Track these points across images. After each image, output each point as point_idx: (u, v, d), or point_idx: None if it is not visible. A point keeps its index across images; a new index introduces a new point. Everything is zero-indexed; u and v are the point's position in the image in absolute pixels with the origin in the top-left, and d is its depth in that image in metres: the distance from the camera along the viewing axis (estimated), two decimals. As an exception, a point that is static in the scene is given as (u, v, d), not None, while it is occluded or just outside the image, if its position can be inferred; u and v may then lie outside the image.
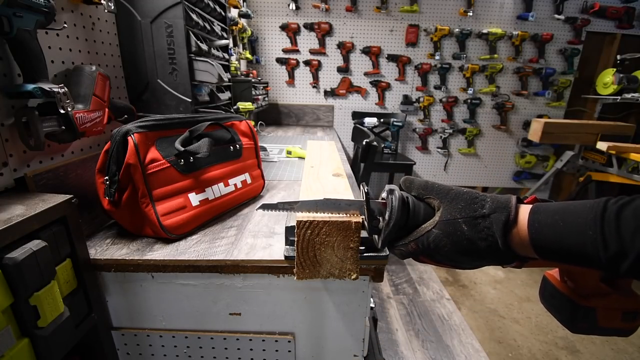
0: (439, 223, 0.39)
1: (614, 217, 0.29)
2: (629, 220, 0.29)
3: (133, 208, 0.62)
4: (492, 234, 0.36)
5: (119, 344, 0.65)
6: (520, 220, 0.35)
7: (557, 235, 0.32)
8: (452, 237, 0.37)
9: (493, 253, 0.36)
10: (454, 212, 0.38)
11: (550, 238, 0.33)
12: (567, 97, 2.83)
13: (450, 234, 0.37)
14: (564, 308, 0.45)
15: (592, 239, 0.30)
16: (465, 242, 0.37)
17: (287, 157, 1.41)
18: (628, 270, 0.29)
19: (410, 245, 0.41)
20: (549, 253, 0.34)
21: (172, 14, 0.88)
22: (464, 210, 0.38)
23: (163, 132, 0.65)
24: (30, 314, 0.43)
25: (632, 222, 0.28)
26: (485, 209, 0.37)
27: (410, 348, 1.58)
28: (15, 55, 0.52)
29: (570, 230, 0.31)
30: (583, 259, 0.31)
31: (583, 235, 0.31)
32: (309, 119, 2.85)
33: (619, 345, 1.67)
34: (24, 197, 0.50)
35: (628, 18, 2.59)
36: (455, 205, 0.38)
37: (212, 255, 0.58)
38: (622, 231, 0.29)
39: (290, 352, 0.65)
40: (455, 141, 2.95)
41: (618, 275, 0.31)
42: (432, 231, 0.39)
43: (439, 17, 2.61)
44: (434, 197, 0.41)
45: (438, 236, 0.38)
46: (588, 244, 0.30)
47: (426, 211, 0.42)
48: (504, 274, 2.28)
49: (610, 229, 0.29)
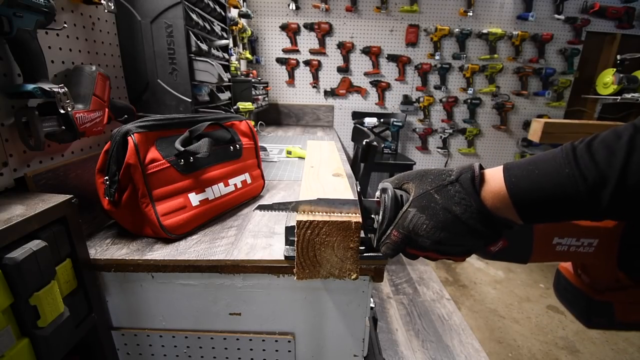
0: (413, 200, 0.38)
1: (586, 150, 0.30)
2: (599, 148, 0.30)
3: (133, 208, 0.62)
4: (464, 197, 0.35)
5: (119, 344, 0.65)
6: (495, 179, 0.35)
7: (534, 184, 0.32)
8: (427, 210, 0.37)
9: (472, 220, 0.35)
10: (425, 185, 0.38)
11: (528, 187, 0.33)
12: (567, 97, 2.83)
13: (425, 207, 0.37)
14: (578, 302, 0.44)
15: (569, 175, 0.30)
16: (441, 212, 0.36)
17: (287, 157, 1.41)
18: (610, 201, 0.29)
19: (393, 235, 0.39)
20: (529, 206, 0.33)
21: (172, 14, 0.88)
22: (433, 182, 0.38)
23: (163, 132, 0.65)
24: (30, 314, 0.42)
25: (604, 149, 0.29)
26: (453, 175, 0.37)
27: (410, 348, 1.58)
28: (15, 55, 0.52)
29: (547, 174, 0.32)
30: (565, 201, 0.31)
31: (559, 175, 0.31)
32: (309, 119, 2.85)
33: (619, 345, 1.67)
34: (24, 197, 0.50)
35: (628, 18, 2.59)
36: (425, 180, 0.39)
37: (212, 255, 0.58)
38: (597, 157, 0.30)
39: (290, 352, 0.65)
40: (455, 141, 2.95)
41: (601, 213, 0.30)
42: (408, 211, 0.38)
43: (439, 17, 2.61)
44: (407, 181, 0.42)
45: (415, 215, 0.37)
46: (566, 182, 0.30)
47: (406, 198, 0.42)
48: (504, 274, 2.28)
49: (585, 160, 0.30)
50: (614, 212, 0.30)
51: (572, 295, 0.45)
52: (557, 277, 0.48)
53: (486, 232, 0.36)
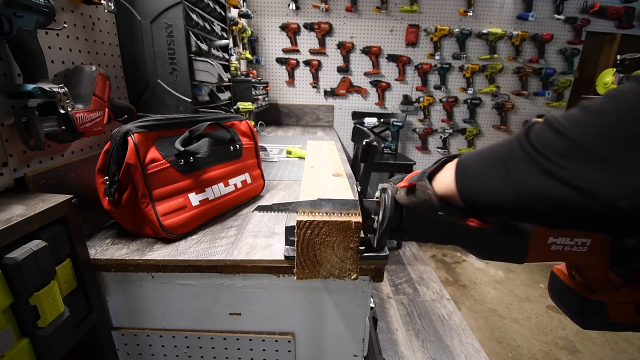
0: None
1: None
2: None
3: (133, 208, 0.62)
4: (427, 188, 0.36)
5: (119, 344, 0.65)
6: (448, 177, 0.34)
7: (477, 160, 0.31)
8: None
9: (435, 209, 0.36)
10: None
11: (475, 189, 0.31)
12: (567, 97, 2.83)
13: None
14: (573, 303, 0.44)
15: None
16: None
17: (287, 157, 1.41)
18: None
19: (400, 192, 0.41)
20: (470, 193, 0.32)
21: (172, 14, 0.88)
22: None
23: (163, 132, 0.65)
24: (30, 314, 0.42)
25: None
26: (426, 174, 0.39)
27: (410, 348, 1.58)
28: (15, 55, 0.52)
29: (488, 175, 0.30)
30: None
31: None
32: (309, 119, 2.85)
33: (619, 346, 1.66)
34: (24, 197, 0.50)
35: (628, 18, 2.59)
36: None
37: (212, 255, 0.58)
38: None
39: (290, 352, 0.65)
40: (455, 141, 2.95)
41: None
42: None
43: (439, 17, 2.61)
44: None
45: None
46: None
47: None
48: (504, 274, 2.28)
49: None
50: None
51: (566, 297, 0.45)
52: (552, 279, 0.48)
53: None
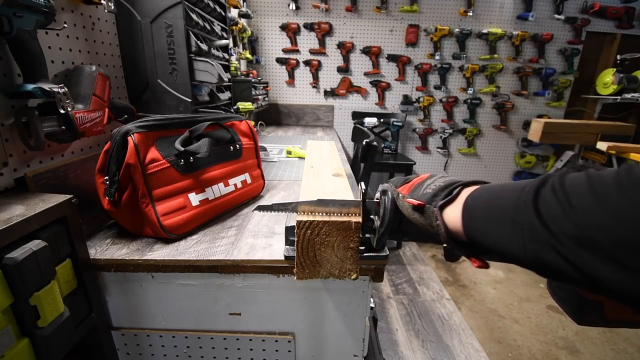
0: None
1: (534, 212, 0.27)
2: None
3: (133, 208, 0.62)
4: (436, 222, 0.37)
5: (119, 344, 0.65)
6: (456, 215, 0.35)
7: (487, 235, 0.31)
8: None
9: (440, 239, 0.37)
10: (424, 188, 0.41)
11: (481, 233, 0.31)
12: (567, 97, 2.82)
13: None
14: (570, 300, 0.45)
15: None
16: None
17: (287, 157, 1.41)
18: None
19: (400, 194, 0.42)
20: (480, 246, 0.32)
21: (172, 14, 0.87)
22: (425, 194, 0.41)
23: (163, 132, 0.65)
24: (30, 314, 0.42)
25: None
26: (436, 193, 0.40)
27: (410, 348, 1.58)
28: (15, 55, 0.52)
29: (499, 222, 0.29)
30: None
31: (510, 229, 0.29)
32: (309, 119, 2.85)
33: (619, 346, 1.66)
34: (24, 197, 0.50)
35: (628, 18, 2.59)
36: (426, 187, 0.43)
37: (212, 255, 0.58)
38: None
39: (290, 352, 0.65)
40: (455, 141, 2.95)
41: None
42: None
43: (439, 17, 2.60)
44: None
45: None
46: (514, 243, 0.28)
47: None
48: (504, 274, 2.28)
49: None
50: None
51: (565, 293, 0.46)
52: None
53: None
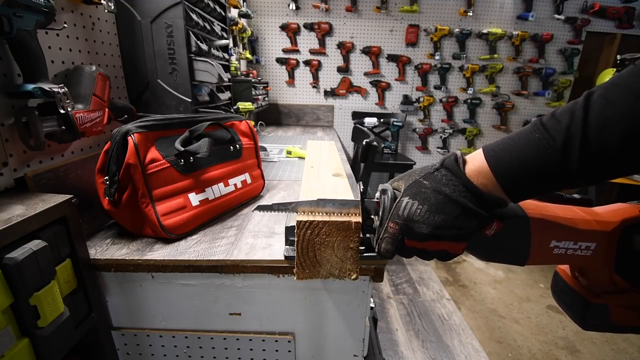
0: (404, 191, 0.40)
1: (550, 116, 0.35)
2: (561, 113, 0.34)
3: (133, 208, 0.62)
4: (451, 178, 0.37)
5: (119, 344, 0.65)
6: (477, 158, 0.38)
7: (511, 154, 0.35)
8: (419, 196, 0.38)
9: (462, 198, 0.37)
10: (413, 176, 0.41)
11: (507, 157, 0.36)
12: (567, 97, 2.83)
13: (416, 194, 0.39)
14: (574, 304, 0.44)
15: (540, 139, 0.34)
16: (432, 195, 0.37)
17: (287, 157, 1.41)
18: (580, 158, 0.31)
19: (390, 227, 0.40)
20: (510, 176, 0.35)
21: (172, 14, 0.88)
22: (421, 172, 0.41)
23: (163, 132, 0.65)
24: (30, 314, 0.42)
25: (565, 113, 0.34)
26: (437, 163, 0.40)
27: (410, 348, 1.58)
28: (15, 55, 0.52)
29: (520, 143, 0.35)
30: (541, 166, 0.34)
31: (531, 141, 0.34)
32: (309, 119, 2.85)
33: (619, 346, 1.67)
34: (24, 197, 0.50)
35: (628, 18, 2.59)
36: (413, 173, 0.42)
37: (212, 255, 0.58)
38: (560, 119, 0.33)
39: (290, 352, 0.65)
40: (455, 141, 2.95)
41: (575, 175, 0.32)
42: (401, 200, 0.39)
43: (439, 17, 2.61)
44: (397, 180, 0.44)
45: (408, 202, 0.39)
46: (538, 145, 0.34)
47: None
48: (504, 274, 2.28)
49: (550, 124, 0.34)
50: (585, 172, 0.32)
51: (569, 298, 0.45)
52: (555, 279, 0.48)
53: (477, 211, 0.37)
